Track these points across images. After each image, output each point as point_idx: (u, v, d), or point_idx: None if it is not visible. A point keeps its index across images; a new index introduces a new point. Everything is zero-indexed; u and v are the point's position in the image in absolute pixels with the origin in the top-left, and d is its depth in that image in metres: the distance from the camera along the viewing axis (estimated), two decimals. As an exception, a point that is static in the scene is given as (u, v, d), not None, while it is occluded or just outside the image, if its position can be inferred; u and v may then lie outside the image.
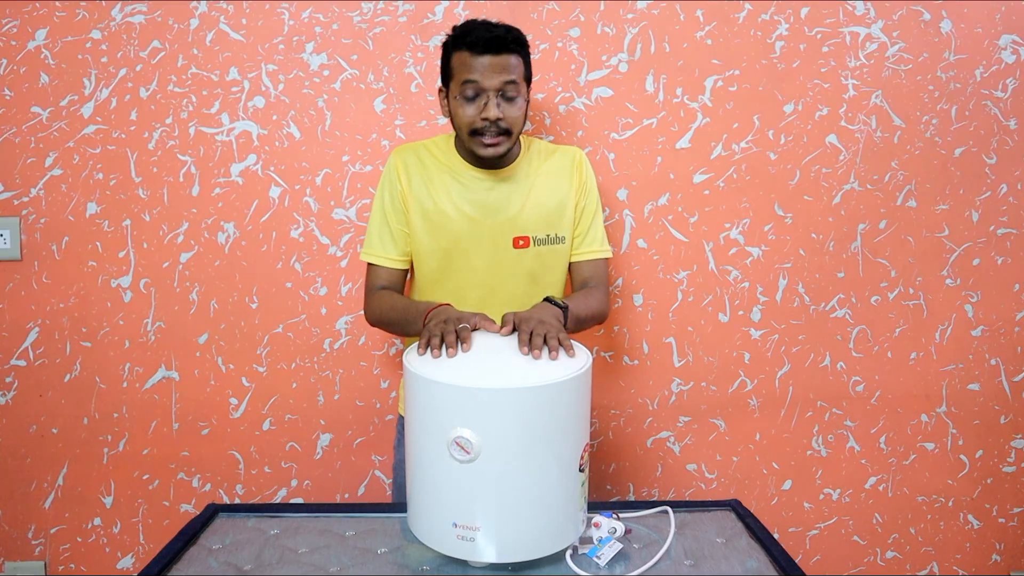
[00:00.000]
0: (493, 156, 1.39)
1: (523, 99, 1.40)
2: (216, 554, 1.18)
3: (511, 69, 1.36)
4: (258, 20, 1.79)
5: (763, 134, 1.86)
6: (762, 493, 1.99)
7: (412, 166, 1.46)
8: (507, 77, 1.35)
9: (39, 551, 1.93)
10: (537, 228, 1.46)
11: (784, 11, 1.83)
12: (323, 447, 1.91)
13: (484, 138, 1.37)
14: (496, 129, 1.36)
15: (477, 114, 1.36)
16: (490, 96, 1.35)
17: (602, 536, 1.16)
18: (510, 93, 1.36)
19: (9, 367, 1.87)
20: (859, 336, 1.95)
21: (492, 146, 1.38)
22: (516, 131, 1.39)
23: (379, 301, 1.47)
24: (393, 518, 1.28)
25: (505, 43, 1.35)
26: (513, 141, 1.40)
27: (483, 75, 1.34)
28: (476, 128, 1.37)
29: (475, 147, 1.39)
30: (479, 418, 1.03)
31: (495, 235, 1.45)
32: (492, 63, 1.34)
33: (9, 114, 1.79)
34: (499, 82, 1.35)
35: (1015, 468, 2.02)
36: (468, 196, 1.44)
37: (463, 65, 1.36)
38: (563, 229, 1.49)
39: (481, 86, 1.35)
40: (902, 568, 2.03)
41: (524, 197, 1.46)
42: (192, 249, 1.84)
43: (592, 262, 1.53)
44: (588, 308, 1.44)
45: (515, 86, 1.37)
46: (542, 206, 1.47)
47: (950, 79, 1.87)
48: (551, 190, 1.48)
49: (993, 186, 1.91)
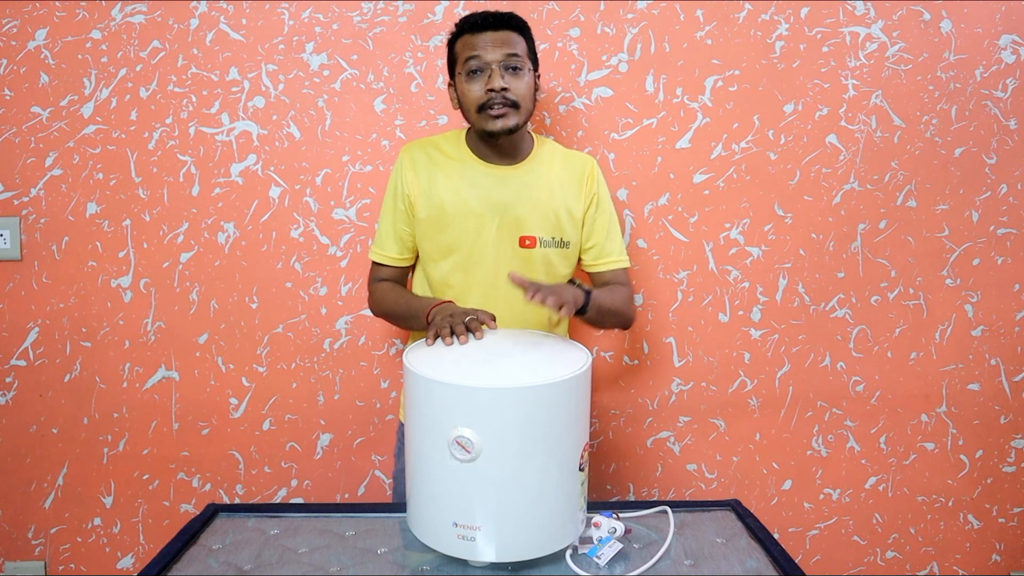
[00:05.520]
0: (502, 129, 1.37)
1: (529, 73, 1.40)
2: (216, 554, 1.18)
3: (513, 44, 1.38)
4: (258, 20, 1.79)
5: (763, 134, 1.86)
6: (762, 493, 1.99)
7: (420, 162, 1.46)
8: (509, 50, 1.37)
9: (39, 551, 1.93)
10: (544, 230, 1.46)
11: (784, 11, 1.83)
12: (323, 447, 1.91)
13: (491, 111, 1.36)
14: (503, 100, 1.36)
15: (483, 88, 1.36)
16: (494, 68, 1.36)
17: (602, 536, 1.16)
18: (514, 64, 1.37)
19: (9, 367, 1.87)
20: (859, 336, 1.95)
21: (500, 117, 1.36)
22: (524, 106, 1.39)
23: (382, 294, 1.50)
24: (393, 518, 1.28)
25: (503, 20, 1.39)
26: (522, 116, 1.39)
27: (485, 49, 1.36)
28: (483, 103, 1.36)
29: (484, 123, 1.38)
30: (479, 418, 1.03)
31: (502, 233, 1.44)
32: (493, 38, 1.36)
33: (9, 114, 1.79)
34: (501, 55, 1.36)
35: (1015, 468, 2.02)
36: (476, 192, 1.44)
37: (465, 45, 1.38)
38: (568, 235, 1.49)
39: (484, 60, 1.36)
40: (902, 568, 2.03)
41: (532, 198, 1.45)
42: (192, 249, 1.84)
43: (612, 272, 1.54)
44: (612, 301, 1.45)
45: (519, 59, 1.37)
46: (549, 209, 1.46)
47: (950, 79, 1.87)
48: (559, 195, 1.48)
49: (993, 186, 1.91)
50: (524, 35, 1.41)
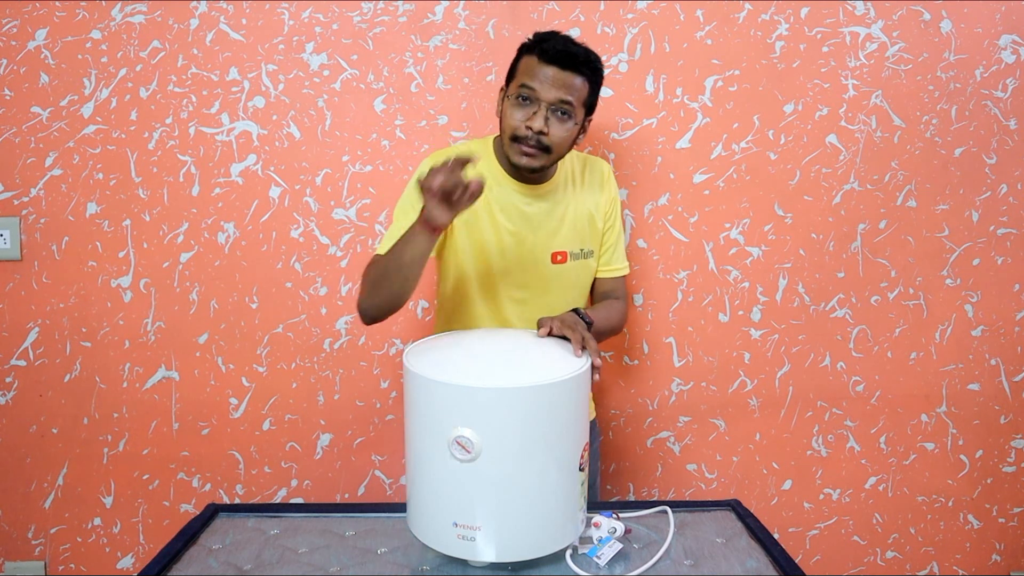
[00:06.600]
0: (526, 167, 1.36)
1: (575, 124, 1.36)
2: (216, 554, 1.18)
3: (573, 89, 1.32)
4: (258, 20, 1.79)
5: (763, 134, 1.86)
6: (762, 493, 1.99)
7: None
8: (565, 95, 1.32)
9: (39, 551, 1.93)
10: (573, 243, 1.46)
11: (784, 11, 1.83)
12: (323, 447, 1.91)
13: (523, 146, 1.34)
14: (537, 142, 1.33)
15: (523, 120, 1.32)
16: (542, 107, 1.31)
17: (602, 536, 1.16)
18: (564, 110, 1.32)
19: (9, 367, 1.87)
20: (859, 336, 1.95)
21: (527, 156, 1.34)
22: (556, 153, 1.35)
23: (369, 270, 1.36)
24: (393, 518, 1.28)
25: (575, 61, 1.32)
26: (550, 161, 1.36)
27: (542, 84, 1.31)
28: (518, 135, 1.33)
29: (512, 153, 1.36)
30: (479, 418, 1.03)
31: (535, 250, 1.43)
32: (555, 76, 1.31)
33: (9, 114, 1.79)
34: (555, 97, 1.31)
35: (1015, 468, 2.02)
36: (508, 211, 1.41)
37: (527, 69, 1.33)
38: (593, 243, 1.49)
39: (537, 94, 1.31)
40: (902, 568, 2.03)
41: (562, 213, 1.45)
42: (192, 249, 1.84)
43: (613, 280, 1.55)
44: (609, 321, 1.46)
45: (570, 107, 1.33)
46: (579, 220, 1.46)
47: (950, 79, 1.87)
48: (584, 206, 1.47)
49: (993, 186, 1.91)
50: (591, 81, 1.36)
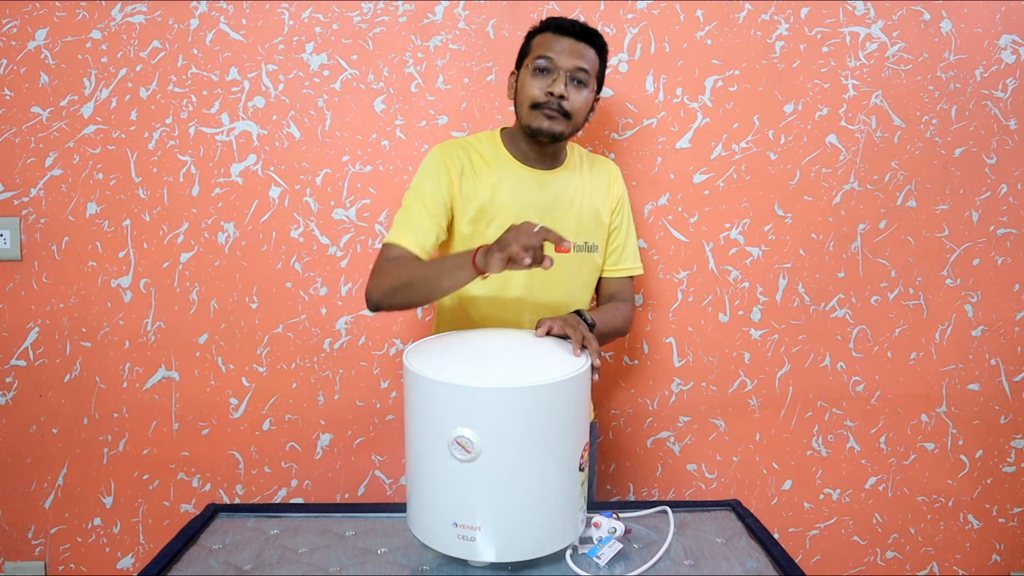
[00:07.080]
0: (547, 132, 1.38)
1: (590, 92, 1.42)
2: (216, 554, 1.18)
3: (587, 58, 1.39)
4: (258, 20, 1.79)
5: (763, 134, 1.86)
6: (762, 493, 1.99)
7: (459, 163, 1.43)
8: (581, 63, 1.38)
9: (39, 551, 1.93)
10: (577, 234, 1.47)
11: (784, 11, 1.83)
12: (323, 447, 1.91)
13: (544, 110, 1.37)
14: (558, 106, 1.37)
15: (544, 87, 1.37)
16: (561, 73, 1.37)
17: (602, 536, 1.16)
18: (581, 78, 1.39)
19: (9, 367, 1.87)
20: (859, 336, 1.95)
21: (550, 119, 1.38)
22: (575, 120, 1.40)
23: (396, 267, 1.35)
24: (393, 518, 1.28)
25: (587, 33, 1.40)
26: (570, 128, 1.40)
27: (559, 54, 1.37)
28: (539, 101, 1.37)
29: (532, 119, 1.39)
30: (479, 418, 1.03)
31: None
32: (571, 46, 1.38)
33: (9, 114, 1.79)
34: (573, 65, 1.37)
35: (1015, 468, 2.02)
36: (516, 195, 1.44)
37: (542, 43, 1.40)
38: (598, 238, 1.51)
39: (555, 63, 1.37)
40: (902, 568, 2.03)
41: (568, 203, 1.47)
42: (192, 249, 1.84)
43: (621, 280, 1.56)
44: (612, 324, 1.47)
45: (586, 75, 1.39)
46: (583, 212, 1.48)
47: (950, 79, 1.87)
48: (590, 200, 1.50)
49: (993, 186, 1.91)
50: (600, 55, 1.43)
